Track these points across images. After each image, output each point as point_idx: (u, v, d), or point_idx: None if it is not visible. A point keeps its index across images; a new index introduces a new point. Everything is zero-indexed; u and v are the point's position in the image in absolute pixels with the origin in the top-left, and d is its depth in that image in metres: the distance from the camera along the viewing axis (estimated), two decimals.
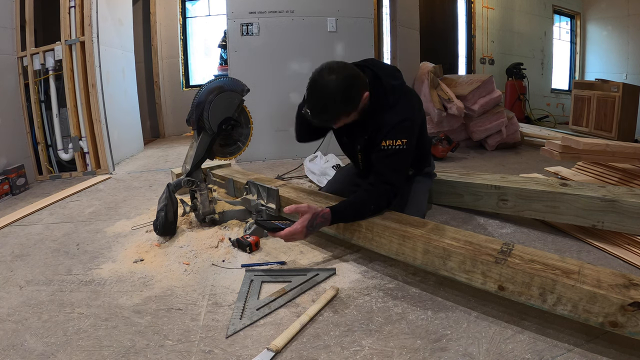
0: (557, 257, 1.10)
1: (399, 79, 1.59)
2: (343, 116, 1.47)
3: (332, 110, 1.43)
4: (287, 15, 3.30)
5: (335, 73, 1.40)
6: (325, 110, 1.44)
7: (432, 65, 3.84)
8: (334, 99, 1.40)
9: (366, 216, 1.48)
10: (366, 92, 1.46)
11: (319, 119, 1.47)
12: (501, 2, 5.73)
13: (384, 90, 1.52)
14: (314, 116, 1.46)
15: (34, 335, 1.16)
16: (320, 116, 1.46)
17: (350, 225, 1.50)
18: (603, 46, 6.08)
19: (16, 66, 3.13)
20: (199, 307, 1.28)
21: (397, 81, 1.58)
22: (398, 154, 1.50)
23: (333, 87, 1.38)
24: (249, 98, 1.95)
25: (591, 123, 4.47)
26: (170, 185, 1.81)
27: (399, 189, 1.57)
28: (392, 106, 1.52)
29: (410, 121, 1.51)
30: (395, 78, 1.58)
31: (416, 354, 1.02)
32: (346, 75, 1.41)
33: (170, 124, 5.24)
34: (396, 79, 1.58)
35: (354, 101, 1.45)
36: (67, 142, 3.26)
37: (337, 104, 1.41)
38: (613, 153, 1.90)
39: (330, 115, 1.46)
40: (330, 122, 1.50)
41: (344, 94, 1.41)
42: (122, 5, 3.82)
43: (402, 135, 1.49)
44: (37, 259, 1.69)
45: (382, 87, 1.53)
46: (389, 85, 1.53)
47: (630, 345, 0.99)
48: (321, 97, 1.41)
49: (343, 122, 1.50)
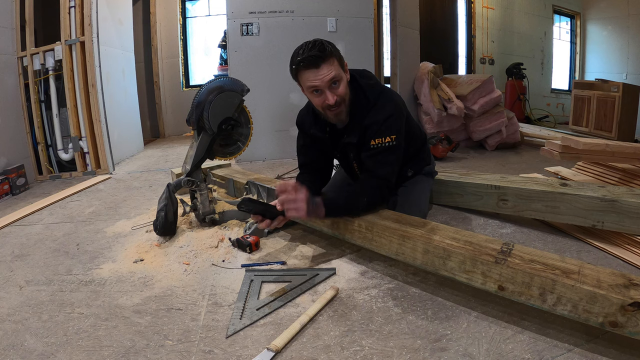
0: (557, 257, 1.10)
1: (372, 79, 1.61)
2: (335, 56, 1.44)
3: (326, 43, 1.43)
4: (287, 15, 3.30)
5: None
6: (320, 43, 1.43)
7: (432, 65, 3.85)
8: (327, 41, 1.45)
9: (359, 208, 1.48)
10: (346, 64, 1.50)
11: (311, 52, 1.41)
12: (501, 2, 5.73)
13: (363, 90, 1.54)
14: (305, 52, 1.42)
15: (34, 335, 1.16)
16: (311, 49, 1.41)
17: (350, 225, 1.50)
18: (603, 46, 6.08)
19: (16, 66, 3.13)
20: (199, 307, 1.28)
21: (372, 80, 1.59)
22: (388, 151, 1.51)
23: (321, 39, 1.46)
24: (249, 98, 1.95)
25: (591, 123, 4.47)
26: (170, 185, 1.81)
27: (391, 183, 1.57)
28: (374, 105, 1.52)
29: (395, 117, 1.52)
30: (369, 78, 1.59)
31: (416, 354, 1.02)
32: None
33: (170, 124, 5.25)
34: (370, 79, 1.59)
35: (341, 55, 1.48)
36: (67, 142, 3.26)
37: (329, 42, 1.45)
38: (613, 153, 1.90)
39: (325, 46, 1.42)
40: (323, 54, 1.41)
41: (333, 45, 1.47)
42: (122, 5, 3.82)
43: (390, 131, 1.50)
44: (37, 259, 1.69)
45: (360, 87, 1.54)
46: (366, 85, 1.55)
47: (630, 345, 0.99)
48: (312, 41, 1.44)
49: (330, 72, 1.43)
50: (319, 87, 1.45)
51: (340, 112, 1.52)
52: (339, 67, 1.45)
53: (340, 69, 1.46)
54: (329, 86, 1.44)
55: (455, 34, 5.55)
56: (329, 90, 1.45)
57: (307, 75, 1.44)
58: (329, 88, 1.44)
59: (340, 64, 1.47)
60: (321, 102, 1.48)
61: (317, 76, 1.42)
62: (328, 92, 1.45)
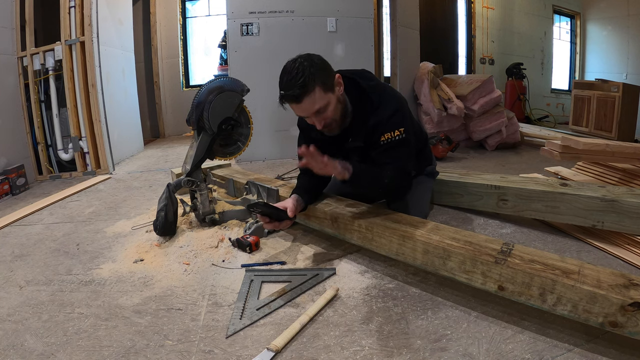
0: (557, 257, 1.10)
1: (373, 79, 1.59)
2: (319, 85, 1.36)
3: (308, 74, 1.34)
4: (287, 15, 3.30)
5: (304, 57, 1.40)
6: (301, 75, 1.34)
7: (432, 65, 3.85)
8: (311, 65, 1.37)
9: (381, 184, 1.46)
10: (339, 76, 1.46)
11: (292, 88, 1.35)
12: (501, 2, 5.73)
13: (364, 92, 1.52)
14: (287, 87, 1.36)
15: (34, 335, 1.16)
16: (292, 84, 1.35)
17: (350, 225, 1.50)
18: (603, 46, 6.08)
19: (16, 66, 3.13)
20: (199, 307, 1.28)
21: (373, 81, 1.57)
22: (400, 144, 1.49)
23: (308, 61, 1.38)
24: (249, 98, 1.95)
25: (591, 123, 4.47)
26: (170, 185, 1.81)
27: (409, 173, 1.54)
28: (377, 105, 1.51)
29: (400, 112, 1.51)
30: (369, 79, 1.57)
31: (416, 354, 1.02)
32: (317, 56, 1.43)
33: (170, 124, 5.25)
34: (371, 80, 1.58)
35: (329, 73, 1.42)
36: (67, 142, 3.26)
37: (313, 68, 1.36)
38: (613, 153, 1.90)
39: (306, 80, 1.33)
40: (304, 90, 1.35)
41: (321, 62, 1.41)
42: (122, 5, 3.82)
43: (398, 125, 1.48)
44: (37, 259, 1.69)
45: (361, 89, 1.52)
46: (367, 86, 1.53)
47: (630, 345, 0.99)
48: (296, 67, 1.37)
49: (313, 105, 1.38)
50: (304, 117, 1.47)
51: (332, 128, 1.51)
52: (322, 95, 1.39)
53: (325, 95, 1.40)
54: (315, 115, 1.43)
55: (455, 34, 5.55)
56: (315, 117, 1.44)
57: (291, 106, 1.43)
58: (314, 116, 1.43)
59: (327, 88, 1.40)
60: (311, 122, 1.48)
61: (301, 110, 1.42)
62: (314, 119, 1.45)
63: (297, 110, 1.43)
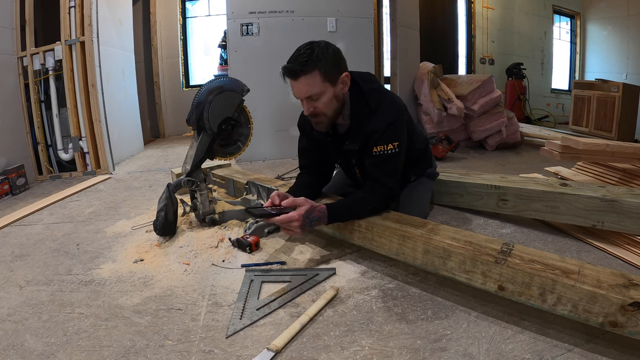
0: (557, 257, 1.10)
1: (376, 83, 1.58)
2: (319, 71, 1.38)
3: (314, 57, 1.37)
4: (287, 15, 3.30)
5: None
6: (307, 55, 1.37)
7: (432, 65, 3.85)
8: (321, 51, 1.39)
9: (362, 217, 1.48)
10: (347, 75, 1.46)
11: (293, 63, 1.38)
12: (501, 2, 5.73)
13: (365, 94, 1.51)
14: (290, 60, 1.39)
15: (34, 335, 1.16)
16: (296, 60, 1.38)
17: (350, 225, 1.50)
18: (603, 46, 6.08)
19: (16, 66, 3.13)
20: (199, 307, 1.28)
21: (375, 85, 1.56)
22: (391, 159, 1.50)
23: (321, 47, 1.40)
24: (249, 98, 1.95)
25: (591, 123, 4.47)
26: (170, 185, 1.81)
27: (396, 191, 1.57)
28: (376, 110, 1.50)
29: (398, 123, 1.50)
30: (372, 82, 1.56)
31: (416, 354, 1.02)
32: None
33: (170, 124, 5.25)
34: (373, 83, 1.57)
35: (337, 67, 1.43)
36: (67, 142, 3.26)
37: (322, 54, 1.38)
38: (613, 153, 1.90)
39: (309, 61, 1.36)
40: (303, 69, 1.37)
41: (334, 53, 1.43)
42: (122, 5, 3.82)
43: (392, 139, 1.49)
44: (37, 259, 1.69)
45: (362, 92, 1.52)
46: (368, 89, 1.52)
47: (630, 345, 0.99)
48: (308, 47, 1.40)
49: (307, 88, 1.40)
50: (297, 97, 1.47)
51: (319, 122, 1.51)
52: (320, 82, 1.40)
53: (323, 84, 1.40)
54: (307, 99, 1.44)
55: (455, 34, 5.56)
56: (306, 102, 1.45)
57: (291, 83, 1.44)
58: (306, 100, 1.44)
59: (327, 77, 1.40)
60: (304, 108, 1.49)
61: (296, 89, 1.44)
62: (305, 103, 1.45)
63: (294, 88, 1.45)
